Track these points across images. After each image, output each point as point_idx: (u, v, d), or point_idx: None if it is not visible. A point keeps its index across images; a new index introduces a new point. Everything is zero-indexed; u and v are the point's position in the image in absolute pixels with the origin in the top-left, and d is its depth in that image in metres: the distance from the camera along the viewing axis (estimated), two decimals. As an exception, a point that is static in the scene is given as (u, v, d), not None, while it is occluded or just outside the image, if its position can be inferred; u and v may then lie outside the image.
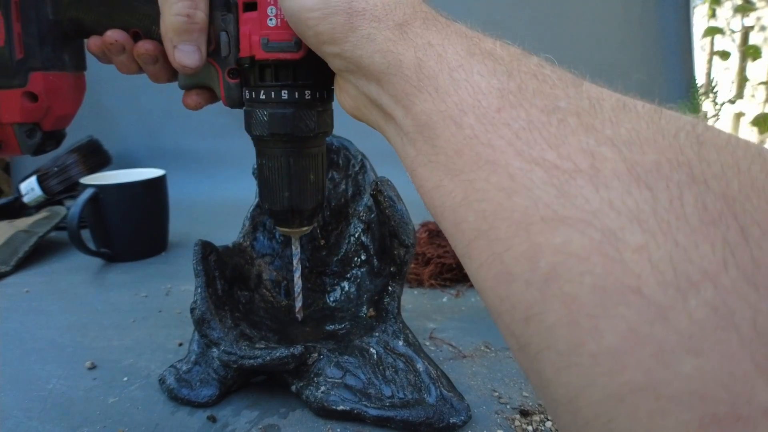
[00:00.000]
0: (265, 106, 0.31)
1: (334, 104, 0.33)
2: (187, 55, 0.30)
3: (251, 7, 0.30)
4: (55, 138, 0.36)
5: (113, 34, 0.32)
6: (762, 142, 1.41)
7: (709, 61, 1.34)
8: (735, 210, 0.13)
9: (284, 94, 0.31)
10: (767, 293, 0.12)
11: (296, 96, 0.31)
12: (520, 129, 0.18)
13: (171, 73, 0.34)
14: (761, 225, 0.13)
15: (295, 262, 0.39)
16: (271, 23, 0.30)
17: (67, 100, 0.35)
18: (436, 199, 0.21)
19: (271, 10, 0.29)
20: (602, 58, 1.01)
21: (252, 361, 0.36)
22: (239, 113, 0.34)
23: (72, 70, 0.35)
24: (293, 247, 0.39)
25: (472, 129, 0.19)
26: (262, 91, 0.31)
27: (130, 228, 0.69)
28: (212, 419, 0.37)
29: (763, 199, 0.14)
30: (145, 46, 0.32)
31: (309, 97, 0.31)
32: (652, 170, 0.15)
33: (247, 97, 0.32)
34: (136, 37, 0.32)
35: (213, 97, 0.35)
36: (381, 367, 0.38)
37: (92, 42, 0.33)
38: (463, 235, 0.19)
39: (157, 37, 0.31)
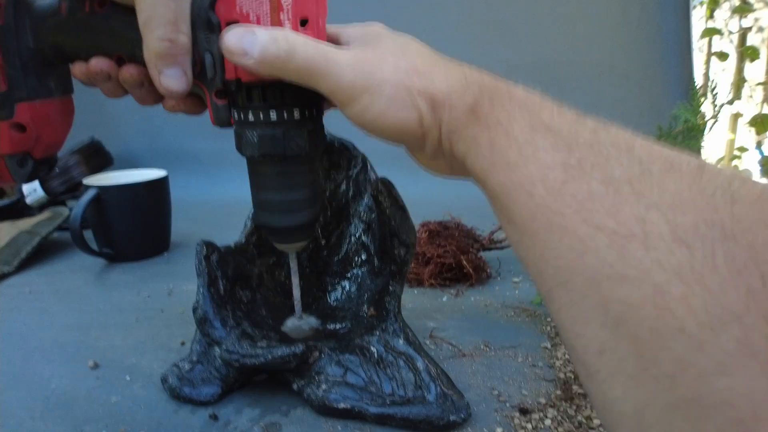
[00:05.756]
0: (255, 127, 0.31)
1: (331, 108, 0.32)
2: (173, 80, 0.29)
3: None
4: (47, 163, 0.35)
5: (97, 63, 0.31)
6: (759, 142, 1.41)
7: (707, 62, 1.34)
8: (758, 260, 0.17)
9: (273, 115, 0.30)
10: None
11: (285, 116, 0.30)
12: (584, 200, 0.21)
13: (158, 96, 0.32)
14: None
15: (294, 281, 0.39)
16: None
17: (56, 126, 0.34)
18: (520, 252, 0.25)
19: None
20: (602, 58, 1.01)
21: (254, 360, 0.37)
22: None
23: (59, 95, 0.34)
24: (291, 263, 0.38)
25: (542, 198, 0.23)
26: (251, 113, 0.30)
27: (133, 228, 0.69)
28: (214, 417, 0.37)
29: None
30: (129, 71, 0.31)
31: (298, 116, 0.31)
32: (690, 230, 0.19)
33: (236, 118, 0.31)
34: (120, 62, 0.31)
35: (194, 104, 0.33)
36: (381, 366, 0.38)
37: (77, 69, 0.32)
38: (545, 283, 0.23)
39: (141, 61, 0.30)
